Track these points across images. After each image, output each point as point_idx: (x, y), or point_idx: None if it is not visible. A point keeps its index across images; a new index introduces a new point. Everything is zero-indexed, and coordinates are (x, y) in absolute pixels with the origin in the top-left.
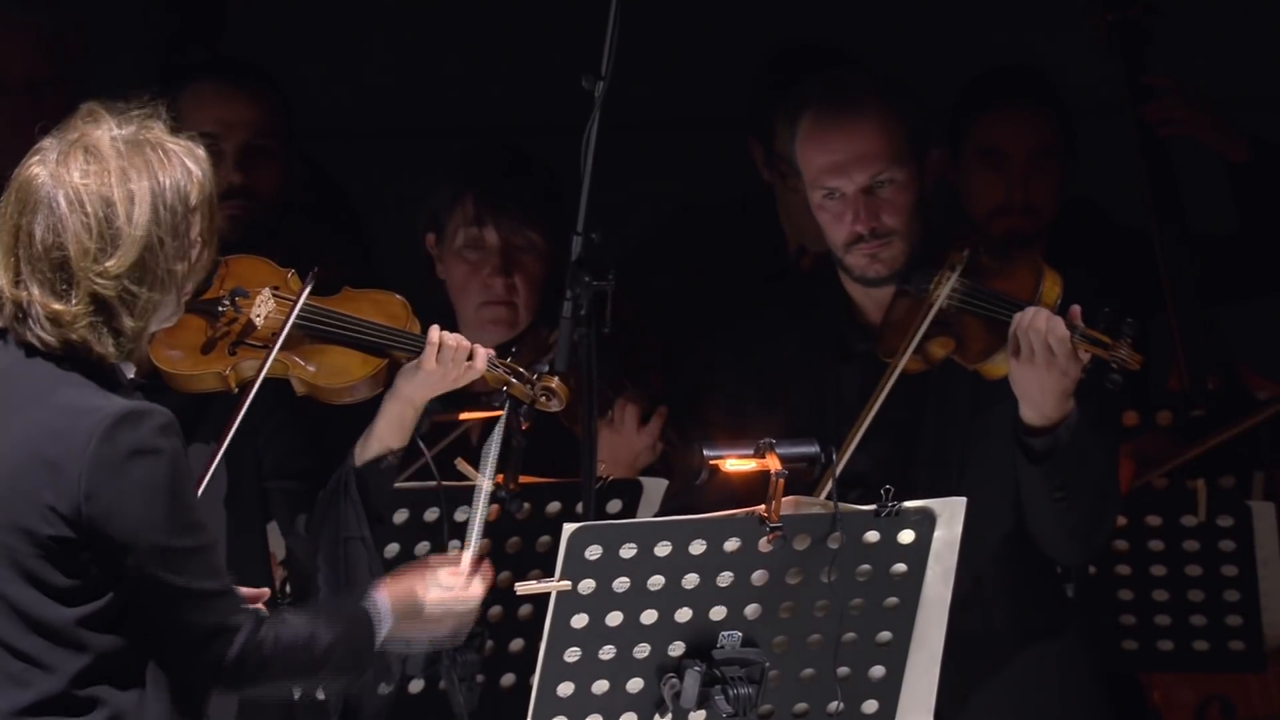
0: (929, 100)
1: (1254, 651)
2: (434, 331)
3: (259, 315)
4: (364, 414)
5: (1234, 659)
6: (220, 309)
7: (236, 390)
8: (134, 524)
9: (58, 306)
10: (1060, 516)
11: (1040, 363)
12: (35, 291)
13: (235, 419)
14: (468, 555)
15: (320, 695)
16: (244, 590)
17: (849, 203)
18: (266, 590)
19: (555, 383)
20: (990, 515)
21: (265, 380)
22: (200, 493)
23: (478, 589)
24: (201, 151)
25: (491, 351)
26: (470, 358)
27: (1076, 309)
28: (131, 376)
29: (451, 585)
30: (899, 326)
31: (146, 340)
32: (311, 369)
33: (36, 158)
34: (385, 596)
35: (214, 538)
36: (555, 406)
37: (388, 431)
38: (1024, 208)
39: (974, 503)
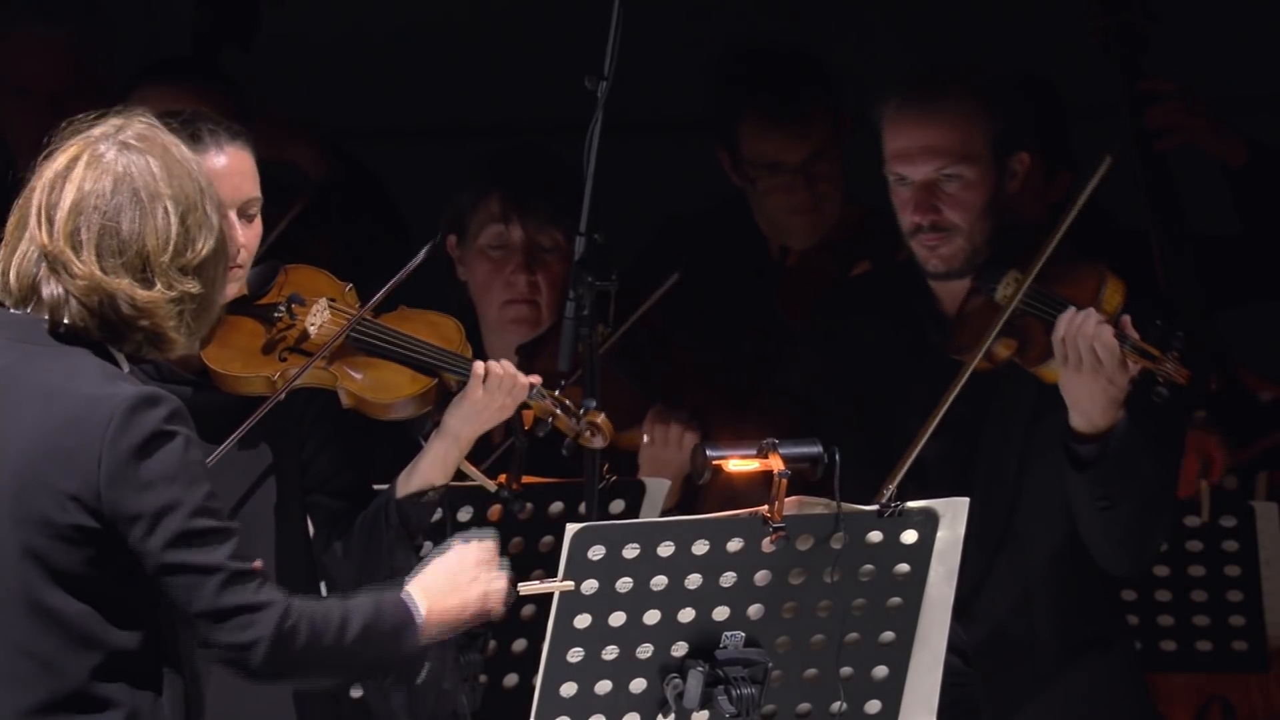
0: None
1: (1257, 651)
2: (478, 364)
3: (314, 325)
4: (409, 436)
5: (1237, 659)
6: (276, 314)
7: (284, 397)
8: (154, 507)
9: (144, 293)
10: (1105, 525)
11: (1087, 370)
12: (124, 282)
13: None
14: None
15: (355, 694)
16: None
17: (914, 192)
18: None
19: (601, 419)
20: (1045, 521)
21: (313, 392)
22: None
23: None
24: None
25: (538, 379)
26: (515, 384)
27: (1128, 319)
28: (128, 368)
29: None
30: (969, 323)
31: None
32: (360, 379)
33: (104, 159)
34: (417, 589)
35: (233, 523)
36: (599, 443)
37: (432, 469)
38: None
39: (1029, 507)
